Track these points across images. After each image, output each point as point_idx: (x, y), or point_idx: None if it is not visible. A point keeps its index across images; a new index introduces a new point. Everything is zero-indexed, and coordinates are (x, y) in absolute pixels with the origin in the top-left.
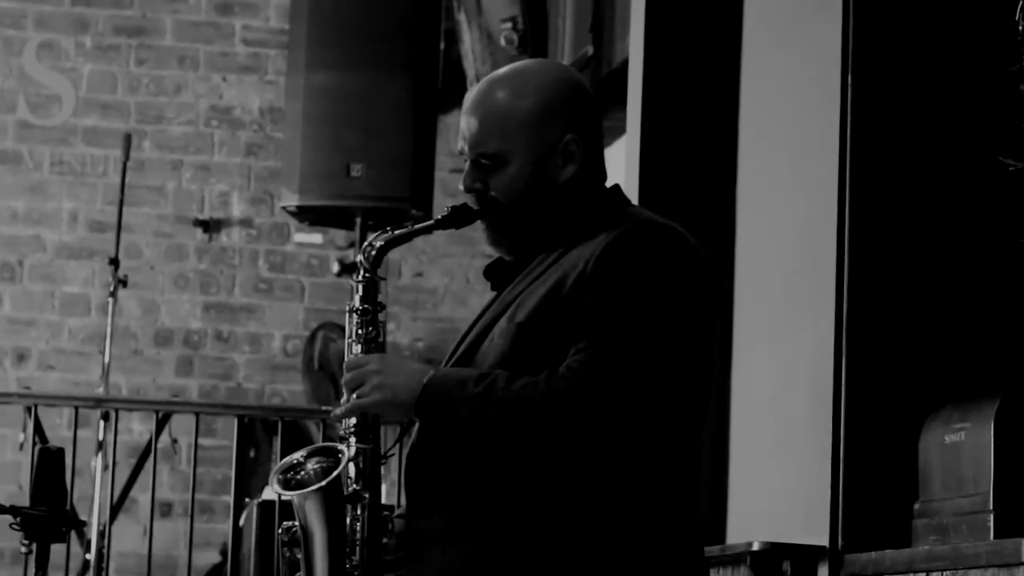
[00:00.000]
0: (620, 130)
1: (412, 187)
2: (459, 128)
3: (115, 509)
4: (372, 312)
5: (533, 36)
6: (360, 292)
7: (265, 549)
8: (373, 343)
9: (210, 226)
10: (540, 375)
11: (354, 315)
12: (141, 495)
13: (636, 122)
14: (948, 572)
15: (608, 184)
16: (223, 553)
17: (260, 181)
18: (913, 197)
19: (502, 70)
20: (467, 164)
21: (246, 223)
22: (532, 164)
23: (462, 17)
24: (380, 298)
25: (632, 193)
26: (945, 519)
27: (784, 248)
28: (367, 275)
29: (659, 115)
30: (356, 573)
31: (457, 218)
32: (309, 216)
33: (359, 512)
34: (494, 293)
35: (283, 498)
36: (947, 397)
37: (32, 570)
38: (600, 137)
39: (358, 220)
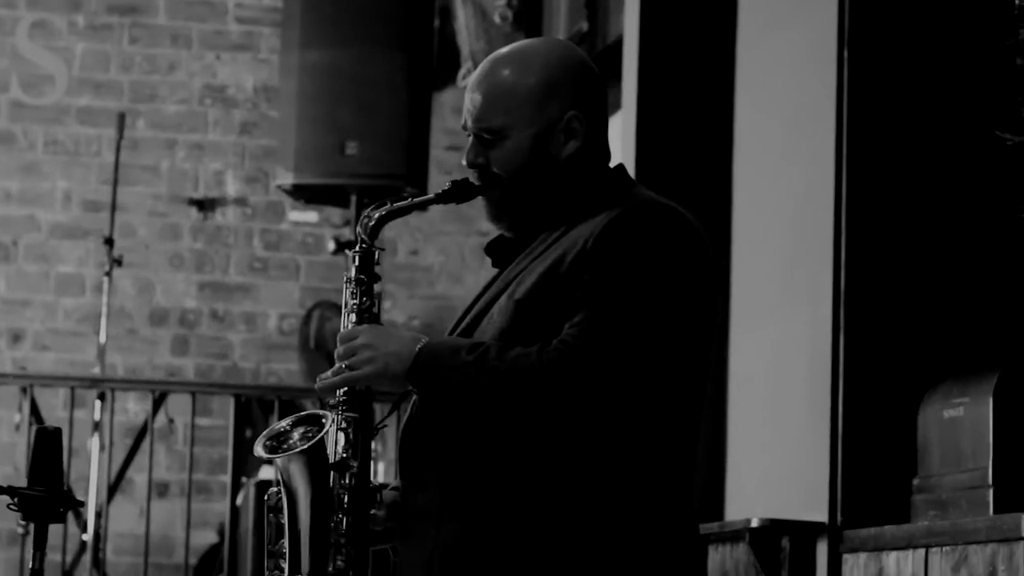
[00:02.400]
0: (615, 106)
1: (407, 165)
2: (464, 104)
3: (112, 489)
4: (368, 283)
5: (527, 12)
6: (357, 262)
7: (263, 528)
8: (367, 313)
9: (205, 205)
10: (534, 347)
11: (349, 285)
12: (138, 475)
13: (632, 98)
14: (948, 547)
15: (618, 166)
16: (220, 533)
17: (254, 160)
18: (910, 172)
19: (507, 48)
20: (470, 139)
21: (241, 202)
22: (533, 139)
23: None
24: (376, 270)
25: (628, 168)
26: (944, 494)
27: (781, 224)
28: (364, 245)
29: (654, 91)
30: (342, 540)
31: (458, 192)
32: (304, 194)
33: (347, 481)
34: (495, 271)
35: (267, 460)
36: (946, 372)
37: (30, 550)
38: (605, 116)
39: (353, 198)
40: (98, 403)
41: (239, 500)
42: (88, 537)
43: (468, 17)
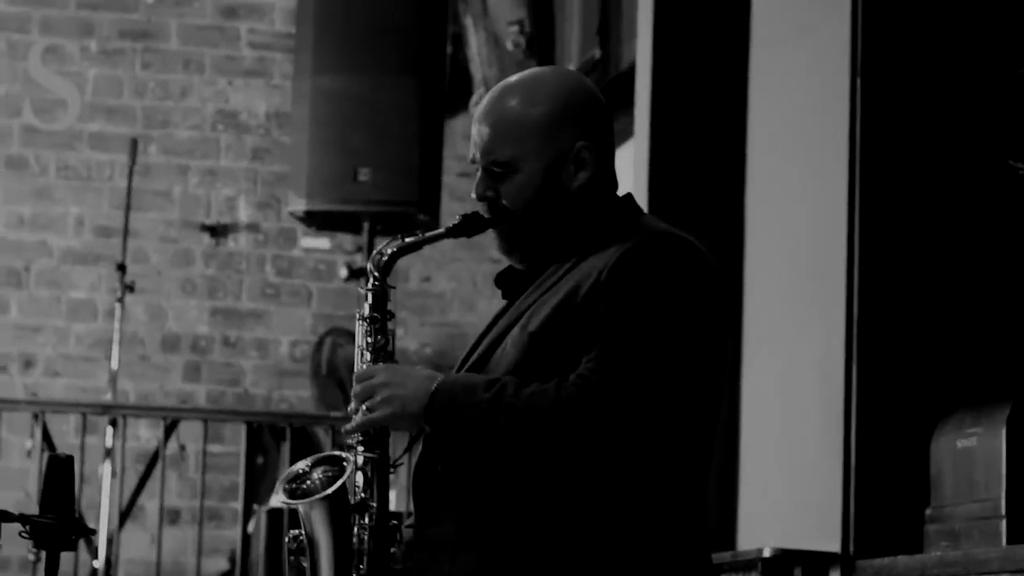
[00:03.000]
0: (627, 134)
1: (419, 191)
2: (471, 136)
3: (123, 516)
4: (382, 320)
5: (540, 39)
6: (370, 300)
7: (274, 556)
8: (382, 352)
9: (217, 231)
10: (550, 382)
11: (363, 323)
12: (149, 502)
13: (644, 125)
14: None
15: (620, 191)
16: (232, 560)
17: (267, 185)
18: (923, 201)
19: (514, 78)
20: (478, 172)
21: (253, 228)
22: (543, 171)
23: (468, 21)
24: (390, 306)
25: (640, 197)
26: (957, 524)
27: (793, 252)
28: (376, 283)
29: (667, 118)
30: None
31: (468, 226)
32: (316, 221)
33: (367, 521)
34: (505, 301)
35: (289, 508)
36: (959, 402)
37: None
38: (612, 145)
39: (366, 225)
40: (110, 429)
41: (250, 527)
42: (99, 564)
43: (480, 44)
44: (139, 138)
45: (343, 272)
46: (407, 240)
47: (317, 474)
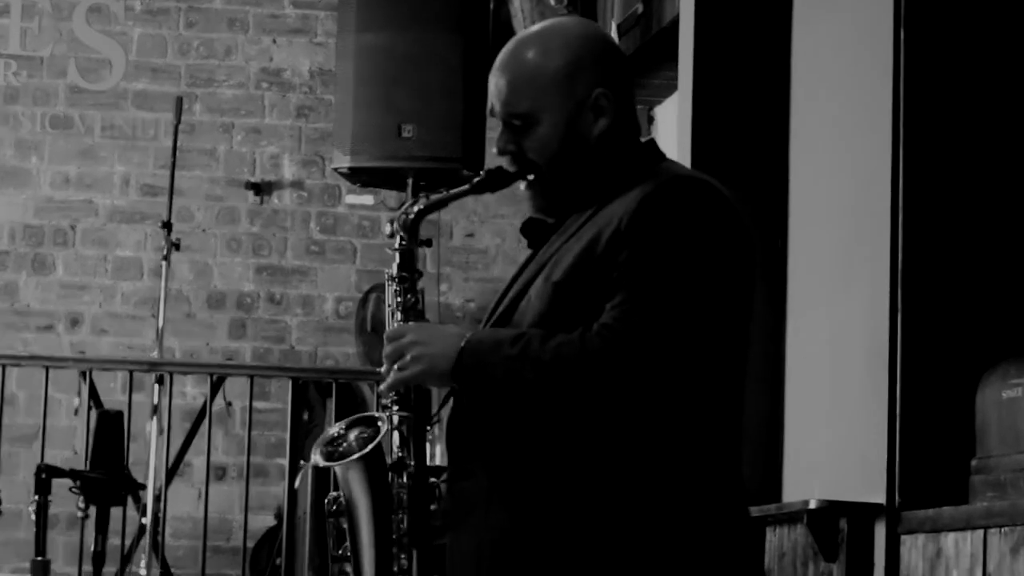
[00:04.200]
0: (671, 88)
1: (463, 147)
2: (488, 89)
3: (170, 473)
4: (410, 279)
5: None
6: (398, 260)
7: (320, 511)
8: (412, 310)
9: (261, 189)
10: (575, 332)
11: (392, 283)
12: (196, 459)
13: (688, 80)
14: (1007, 528)
15: (664, 145)
16: (278, 516)
17: (311, 143)
18: (968, 153)
19: (528, 30)
20: (500, 126)
21: (297, 185)
22: (563, 121)
23: None
24: (418, 265)
25: (685, 151)
26: (1002, 475)
27: (838, 205)
28: (404, 243)
29: (710, 72)
30: (404, 540)
31: (492, 182)
32: (361, 178)
33: (405, 480)
34: (530, 252)
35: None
36: (1004, 353)
37: (89, 534)
38: (631, 91)
39: (410, 181)
40: (156, 387)
41: (297, 483)
42: (147, 521)
43: (523, 0)
44: (184, 97)
45: (387, 228)
46: (432, 198)
47: (353, 436)
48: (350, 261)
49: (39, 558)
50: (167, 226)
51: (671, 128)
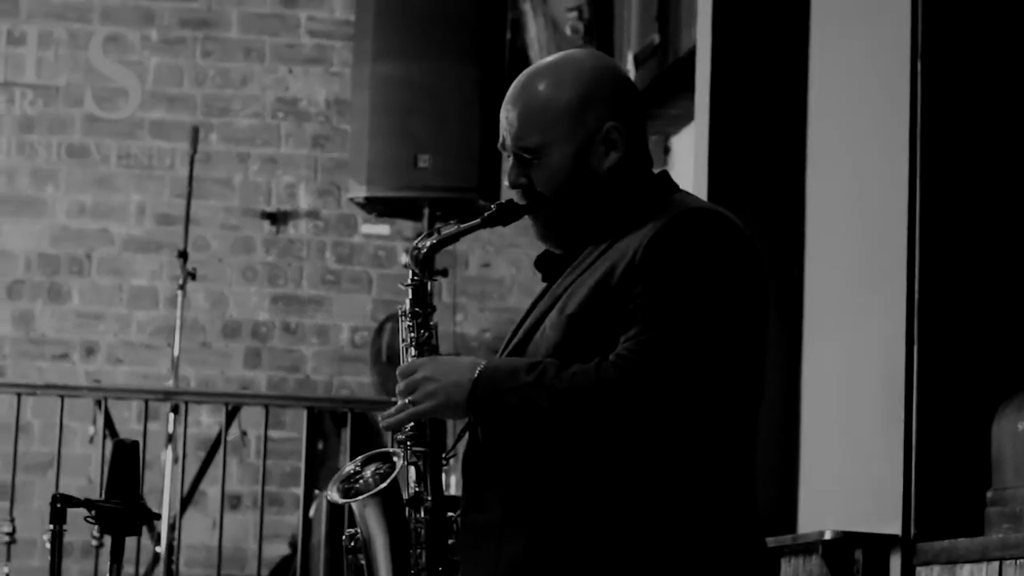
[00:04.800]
0: (687, 119)
1: (479, 177)
2: (499, 122)
3: (185, 502)
4: (423, 315)
5: (598, 25)
6: (410, 295)
7: (334, 541)
8: (426, 345)
9: (277, 218)
10: (591, 363)
11: (405, 319)
12: (210, 488)
13: (704, 110)
14: (1022, 560)
15: (679, 178)
16: (292, 545)
17: (327, 173)
18: (985, 183)
19: (540, 62)
20: (510, 159)
21: (313, 215)
22: (573, 155)
23: (527, 6)
24: (431, 299)
25: (701, 181)
26: (1018, 507)
27: (855, 235)
28: (416, 278)
29: (727, 103)
30: (422, 575)
31: (503, 215)
32: (377, 207)
33: (422, 514)
34: (544, 285)
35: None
36: (1020, 384)
37: (104, 563)
38: (643, 124)
39: (426, 211)
40: (171, 416)
41: (311, 512)
42: (161, 549)
43: (539, 30)
44: (200, 126)
45: (403, 258)
46: (443, 233)
47: (369, 472)
48: (366, 291)
49: None
50: (183, 255)
51: (688, 158)
